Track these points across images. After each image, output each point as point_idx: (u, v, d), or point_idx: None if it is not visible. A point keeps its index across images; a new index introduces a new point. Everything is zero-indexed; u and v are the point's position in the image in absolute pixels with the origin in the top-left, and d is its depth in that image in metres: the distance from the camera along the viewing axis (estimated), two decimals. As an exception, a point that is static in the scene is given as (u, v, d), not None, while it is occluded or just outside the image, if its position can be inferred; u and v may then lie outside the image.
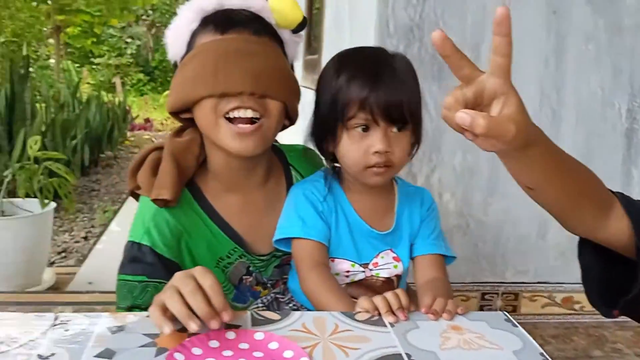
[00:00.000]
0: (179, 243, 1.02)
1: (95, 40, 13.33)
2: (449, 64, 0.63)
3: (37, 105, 4.27)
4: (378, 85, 0.92)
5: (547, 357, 0.77)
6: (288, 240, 1.02)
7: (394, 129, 0.94)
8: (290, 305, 1.11)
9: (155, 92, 14.27)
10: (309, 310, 1.04)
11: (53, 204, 2.41)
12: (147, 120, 9.41)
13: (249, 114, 0.93)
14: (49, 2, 8.55)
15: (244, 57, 0.93)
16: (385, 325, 0.81)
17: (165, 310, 0.75)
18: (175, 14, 1.05)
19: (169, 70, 15.33)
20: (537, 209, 1.40)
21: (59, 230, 3.41)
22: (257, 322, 0.80)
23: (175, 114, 1.03)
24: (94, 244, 3.18)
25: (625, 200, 0.77)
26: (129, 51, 15.15)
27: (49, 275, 2.59)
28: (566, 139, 1.84)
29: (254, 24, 0.98)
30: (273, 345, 0.73)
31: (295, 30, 1.06)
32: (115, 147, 6.40)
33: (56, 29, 8.82)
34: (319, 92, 1.01)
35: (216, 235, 1.05)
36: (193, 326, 0.72)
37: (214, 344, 0.73)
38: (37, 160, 2.39)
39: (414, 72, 1.00)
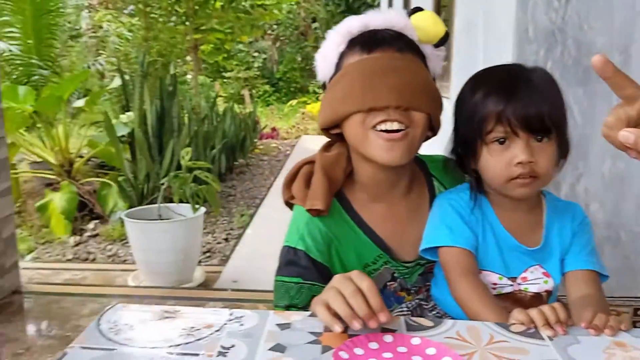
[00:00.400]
0: (330, 249, 1.09)
1: (226, 55, 14.30)
2: (610, 85, 0.62)
3: (183, 119, 4.70)
4: (514, 97, 0.92)
5: None
6: (434, 250, 1.04)
7: (536, 140, 0.94)
8: (434, 312, 1.13)
9: (280, 103, 14.93)
10: (453, 318, 1.06)
11: (203, 209, 2.66)
12: (273, 129, 9.90)
13: (395, 126, 0.98)
14: (187, 23, 9.34)
15: (388, 74, 0.98)
16: (542, 339, 0.81)
17: (328, 309, 0.82)
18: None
19: (292, 81, 15.98)
20: None
21: (203, 232, 3.73)
22: (411, 328, 0.83)
23: (325, 129, 1.11)
24: (235, 245, 3.43)
25: None
26: (255, 64, 16.03)
27: (199, 274, 2.86)
28: None
29: (397, 42, 1.02)
30: (430, 351, 0.76)
31: (437, 45, 1.09)
32: (246, 155, 6.82)
33: (193, 47, 9.61)
34: (457, 111, 1.04)
35: (363, 242, 1.10)
36: (357, 325, 0.77)
37: (374, 345, 0.78)
38: (188, 170, 2.65)
39: (554, 83, 0.98)
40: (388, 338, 0.79)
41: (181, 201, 2.63)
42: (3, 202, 2.44)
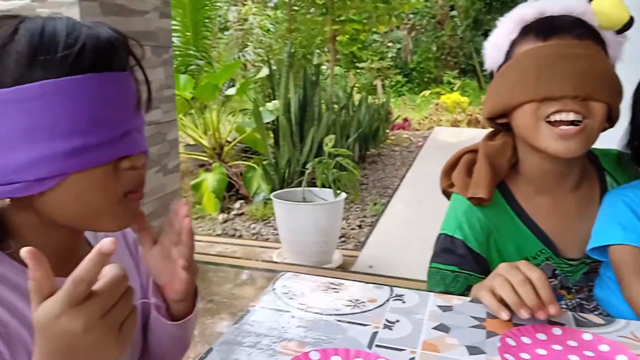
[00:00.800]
0: (488, 240, 1.09)
1: (360, 46, 14.45)
2: None
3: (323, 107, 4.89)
4: None
5: None
6: (603, 249, 1.00)
7: None
8: (595, 313, 1.08)
9: (412, 93, 14.76)
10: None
11: (344, 194, 2.76)
12: (405, 120, 9.83)
13: (571, 117, 0.94)
14: (327, 14, 9.60)
15: (565, 61, 0.94)
16: None
17: (493, 295, 0.83)
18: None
19: (426, 71, 15.71)
20: None
21: (338, 218, 3.87)
22: (580, 324, 0.82)
23: (490, 119, 1.10)
24: (369, 233, 3.52)
25: None
26: (389, 55, 15.99)
27: (337, 256, 2.99)
28: None
29: (576, 28, 0.97)
30: (603, 348, 0.75)
31: (620, 31, 1.02)
32: (378, 145, 6.88)
33: (331, 38, 9.86)
34: (636, 102, 0.97)
35: (525, 235, 1.08)
36: (524, 314, 0.78)
37: (542, 336, 0.78)
38: (330, 157, 2.77)
39: None
40: (557, 331, 0.79)
41: (323, 186, 2.76)
42: (173, 177, 2.75)
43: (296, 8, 9.55)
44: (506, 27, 1.06)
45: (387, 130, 7.98)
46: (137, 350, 0.84)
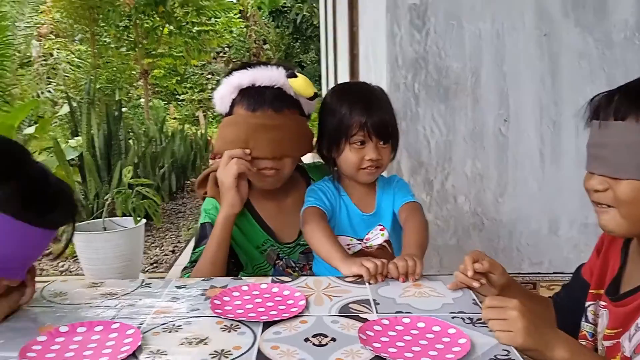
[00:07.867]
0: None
1: (179, 79, 14.52)
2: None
3: (131, 141, 4.94)
4: (372, 113, 1.29)
5: (478, 302, 1.06)
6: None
7: (381, 143, 1.31)
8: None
9: (234, 122, 15.14)
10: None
11: (144, 220, 2.93)
12: (226, 148, 10.11)
13: (270, 170, 1.37)
14: (136, 49, 9.55)
15: (267, 131, 1.34)
16: (364, 284, 1.14)
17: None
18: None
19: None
20: (546, 207, 1.67)
21: (152, 245, 3.96)
22: (274, 282, 1.17)
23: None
24: (179, 255, 3.69)
25: None
26: (209, 86, 16.28)
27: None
28: (569, 146, 2.06)
29: (277, 101, 1.35)
30: (275, 290, 1.10)
31: (310, 99, 1.42)
32: (198, 174, 7.07)
33: (144, 72, 9.81)
34: (323, 116, 1.38)
35: (256, 229, 1.47)
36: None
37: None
38: (130, 187, 2.93)
39: (389, 100, 1.37)
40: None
41: (124, 215, 2.90)
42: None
43: (105, 42, 9.34)
44: (228, 89, 1.41)
45: (209, 159, 8.20)
46: None
